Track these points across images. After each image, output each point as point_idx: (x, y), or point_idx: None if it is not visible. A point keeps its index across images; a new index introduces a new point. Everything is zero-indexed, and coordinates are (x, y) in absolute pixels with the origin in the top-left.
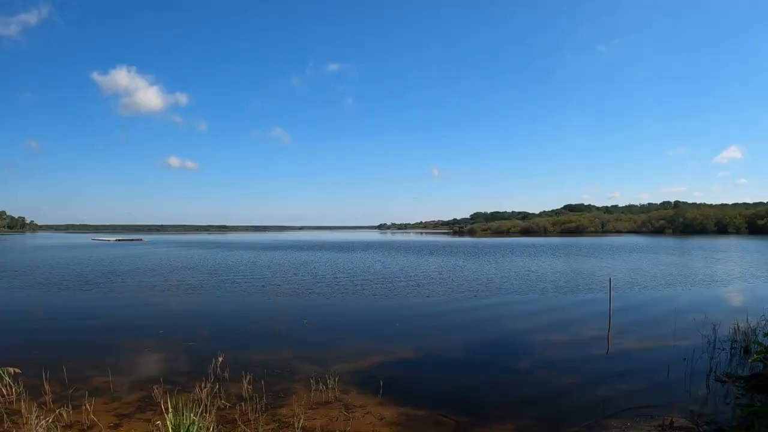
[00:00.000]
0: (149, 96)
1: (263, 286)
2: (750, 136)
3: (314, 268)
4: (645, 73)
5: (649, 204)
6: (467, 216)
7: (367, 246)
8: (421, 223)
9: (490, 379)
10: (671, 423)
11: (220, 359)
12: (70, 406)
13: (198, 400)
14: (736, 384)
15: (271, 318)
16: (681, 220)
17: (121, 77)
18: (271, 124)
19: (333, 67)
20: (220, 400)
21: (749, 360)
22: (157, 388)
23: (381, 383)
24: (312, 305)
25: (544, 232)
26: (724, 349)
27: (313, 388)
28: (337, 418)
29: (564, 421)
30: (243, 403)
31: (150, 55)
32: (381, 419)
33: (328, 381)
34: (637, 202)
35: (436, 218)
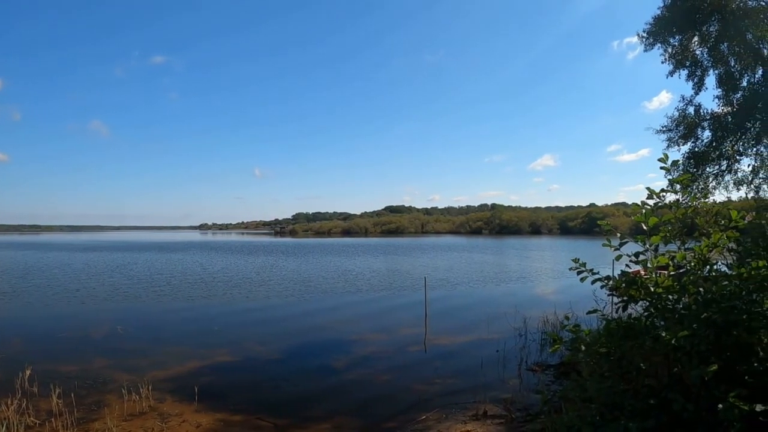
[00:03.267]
0: None
1: (77, 290)
2: (563, 145)
3: (130, 270)
4: (467, 82)
5: (467, 206)
6: (289, 216)
7: (186, 247)
8: (242, 223)
9: (308, 380)
10: (485, 412)
11: (28, 372)
12: None
13: (4, 419)
14: (546, 372)
15: (84, 325)
16: (497, 221)
17: None
18: (91, 116)
19: (158, 59)
20: (29, 417)
21: (550, 349)
22: None
23: (197, 389)
24: (127, 310)
25: (365, 233)
26: (534, 341)
27: (127, 398)
28: (153, 428)
29: (381, 418)
30: (53, 419)
31: None
32: (197, 426)
33: (141, 390)
34: (455, 205)
35: (258, 219)
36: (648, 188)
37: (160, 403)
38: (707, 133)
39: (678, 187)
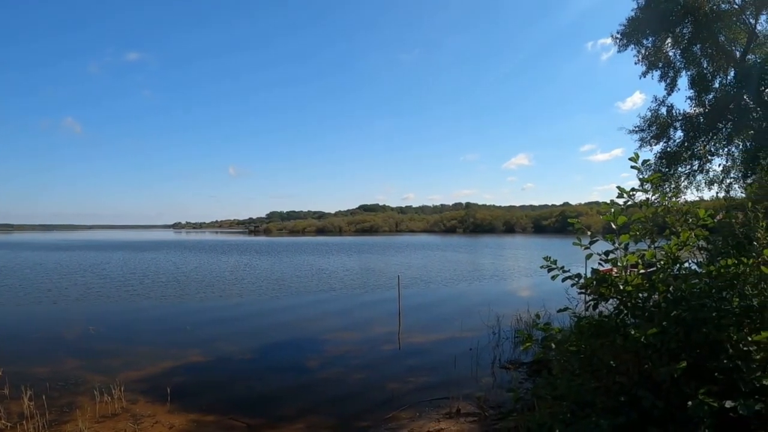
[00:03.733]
0: None
1: (49, 290)
2: (537, 145)
3: (103, 269)
4: (442, 82)
5: (441, 205)
6: (264, 215)
7: (159, 246)
8: (216, 222)
9: (281, 379)
10: (458, 410)
11: None
12: None
13: None
14: (519, 370)
15: (56, 326)
16: (471, 220)
17: None
18: (64, 112)
19: (132, 56)
20: (0, 420)
21: (522, 347)
22: None
23: (169, 390)
24: (99, 310)
25: (339, 232)
26: (507, 339)
27: (99, 399)
28: (125, 430)
29: (355, 417)
30: (25, 422)
31: None
32: (170, 428)
33: (114, 391)
34: (430, 203)
35: (232, 217)
36: (618, 187)
37: (132, 404)
38: (679, 134)
39: (648, 186)
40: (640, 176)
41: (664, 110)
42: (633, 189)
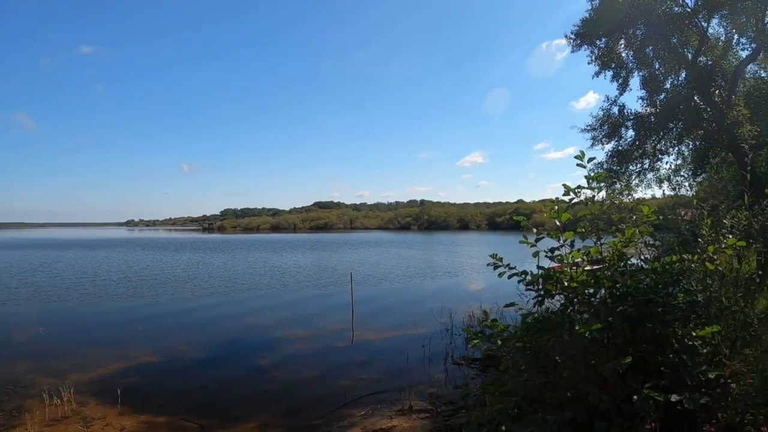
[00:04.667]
0: None
1: None
2: (491, 143)
3: (54, 269)
4: (399, 79)
5: (396, 202)
6: (218, 213)
7: (112, 244)
8: (170, 219)
9: (234, 378)
10: (411, 407)
11: None
12: None
13: None
14: (472, 366)
15: (4, 327)
16: (426, 217)
17: None
18: (15, 108)
19: (86, 49)
20: None
21: (470, 345)
22: None
23: (120, 392)
24: (49, 310)
25: (293, 229)
26: (460, 335)
27: (48, 402)
28: None
29: (307, 413)
30: None
31: None
32: (121, 430)
33: (63, 394)
34: (385, 200)
35: (186, 215)
36: (564, 185)
37: (82, 407)
38: (631, 133)
39: (594, 183)
40: (587, 174)
41: (616, 110)
42: (579, 186)
